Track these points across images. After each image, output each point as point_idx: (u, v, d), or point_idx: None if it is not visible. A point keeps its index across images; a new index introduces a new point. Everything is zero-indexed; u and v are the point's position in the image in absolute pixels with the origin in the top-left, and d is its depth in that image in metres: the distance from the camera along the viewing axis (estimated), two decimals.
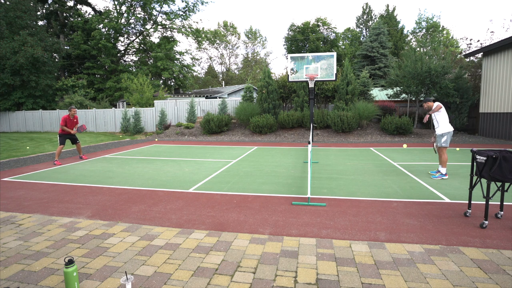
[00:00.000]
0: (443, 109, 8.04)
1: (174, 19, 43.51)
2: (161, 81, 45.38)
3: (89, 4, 44.42)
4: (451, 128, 7.96)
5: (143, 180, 8.54)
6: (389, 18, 47.78)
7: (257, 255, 4.12)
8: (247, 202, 6.38)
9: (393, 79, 20.24)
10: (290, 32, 50.51)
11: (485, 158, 4.76)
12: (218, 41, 70.34)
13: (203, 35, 49.20)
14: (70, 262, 3.27)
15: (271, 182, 8.09)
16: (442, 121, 7.99)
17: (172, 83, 46.78)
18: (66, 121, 11.77)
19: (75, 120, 12.04)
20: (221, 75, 72.72)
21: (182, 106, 24.54)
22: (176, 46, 44.65)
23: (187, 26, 45.52)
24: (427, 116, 7.90)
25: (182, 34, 46.11)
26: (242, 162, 11.12)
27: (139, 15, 42.20)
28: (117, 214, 5.82)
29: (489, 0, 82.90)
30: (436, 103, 8.09)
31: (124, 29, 41.90)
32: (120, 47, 44.92)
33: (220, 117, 20.72)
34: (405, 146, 13.99)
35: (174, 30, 45.33)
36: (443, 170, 7.91)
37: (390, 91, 23.46)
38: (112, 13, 40.88)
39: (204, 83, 67.39)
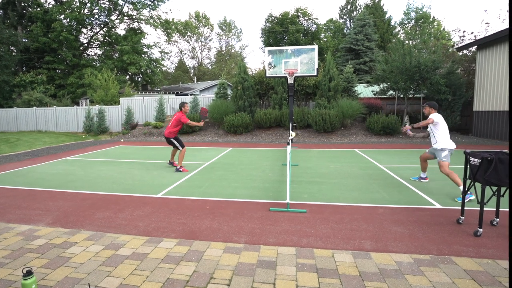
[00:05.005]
0: (440, 124, 7.32)
1: (141, 9, 43.90)
2: (127, 77, 45.69)
3: None
4: (452, 145, 7.17)
5: (108, 184, 8.57)
6: (375, 8, 48.55)
7: (232, 266, 4.12)
8: (221, 208, 6.39)
9: (380, 75, 20.43)
10: (267, 24, 50.52)
11: (479, 160, 4.78)
12: (189, 33, 70.49)
13: (173, 27, 49.49)
14: (29, 273, 3.29)
15: (247, 186, 8.13)
16: (440, 137, 7.27)
17: (140, 79, 47.18)
18: (182, 119, 10.42)
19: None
20: (192, 70, 72.68)
21: (150, 104, 24.64)
22: (144, 38, 45.02)
23: (155, 17, 46.10)
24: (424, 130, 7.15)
25: (150, 26, 46.63)
26: (215, 164, 11.15)
27: (103, 5, 42.24)
28: (79, 221, 5.81)
29: None
30: (433, 115, 7.38)
31: (87, 20, 41.96)
32: (83, 39, 45.11)
33: (192, 116, 20.57)
34: None
35: (142, 21, 45.79)
36: (461, 188, 6.68)
37: (376, 88, 23.67)
38: (74, 2, 40.74)
39: (174, 78, 67.17)
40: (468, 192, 6.90)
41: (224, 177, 9.17)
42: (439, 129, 7.30)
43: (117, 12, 43.53)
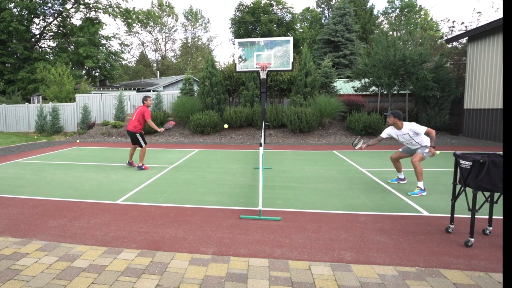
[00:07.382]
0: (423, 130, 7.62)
1: None
2: (83, 71, 45.84)
3: None
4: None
5: (63, 189, 8.50)
6: None
7: (199, 279, 4.07)
8: (187, 216, 6.36)
9: (361, 69, 20.63)
10: (237, 13, 50.70)
11: (470, 163, 4.77)
12: (152, 24, 70.75)
13: (133, 16, 49.42)
14: None
15: (215, 192, 8.12)
16: (423, 139, 7.66)
17: (97, 74, 47.29)
18: (146, 114, 11.06)
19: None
20: (155, 64, 72.87)
21: (109, 101, 24.77)
22: (102, 29, 45.31)
23: (114, 6, 46.21)
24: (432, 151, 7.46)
25: (109, 15, 46.77)
26: (180, 168, 11.17)
27: None
28: (31, 230, 5.75)
29: None
30: (413, 125, 7.65)
31: (39, 9, 41.79)
32: (35, 30, 44.90)
33: (154, 114, 20.46)
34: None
35: (100, 10, 45.80)
36: (421, 185, 7.66)
37: (357, 83, 23.87)
38: None
39: (135, 73, 67.16)
40: (422, 188, 7.63)
41: (190, 181, 9.16)
42: (420, 135, 7.64)
43: (72, 0, 43.37)
